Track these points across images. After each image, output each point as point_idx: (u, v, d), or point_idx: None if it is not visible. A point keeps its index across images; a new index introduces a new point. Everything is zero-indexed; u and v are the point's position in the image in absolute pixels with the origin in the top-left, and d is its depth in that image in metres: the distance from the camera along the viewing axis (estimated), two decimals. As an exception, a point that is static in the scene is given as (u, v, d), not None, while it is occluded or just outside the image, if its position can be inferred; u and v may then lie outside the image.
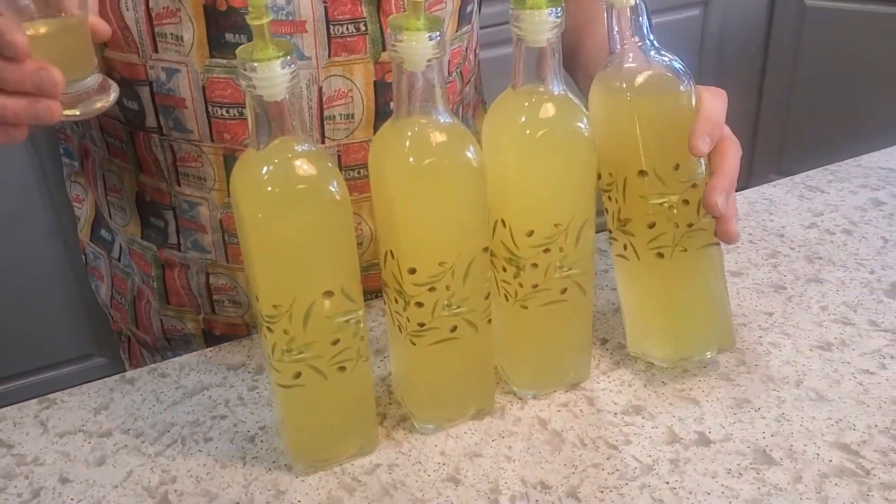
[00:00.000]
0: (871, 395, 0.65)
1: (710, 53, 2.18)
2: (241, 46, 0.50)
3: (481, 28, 0.83)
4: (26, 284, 1.73)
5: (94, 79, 0.57)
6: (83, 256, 0.89)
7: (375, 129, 0.70)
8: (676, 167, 0.62)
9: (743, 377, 0.68)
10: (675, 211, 0.63)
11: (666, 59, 0.62)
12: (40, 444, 0.65)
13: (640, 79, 0.61)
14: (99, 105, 0.57)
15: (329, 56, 0.67)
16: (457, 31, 0.73)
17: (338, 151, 0.70)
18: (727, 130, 0.65)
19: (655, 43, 0.61)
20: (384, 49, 0.68)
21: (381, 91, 0.69)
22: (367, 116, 0.70)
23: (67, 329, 1.81)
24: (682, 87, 0.62)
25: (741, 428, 0.63)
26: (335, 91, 0.68)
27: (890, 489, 0.58)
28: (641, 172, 0.62)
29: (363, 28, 0.67)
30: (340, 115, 0.69)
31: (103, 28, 0.58)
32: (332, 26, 0.66)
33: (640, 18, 0.60)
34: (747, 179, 2.37)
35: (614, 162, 0.63)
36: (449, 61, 0.73)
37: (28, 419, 0.68)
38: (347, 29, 0.66)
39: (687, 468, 0.60)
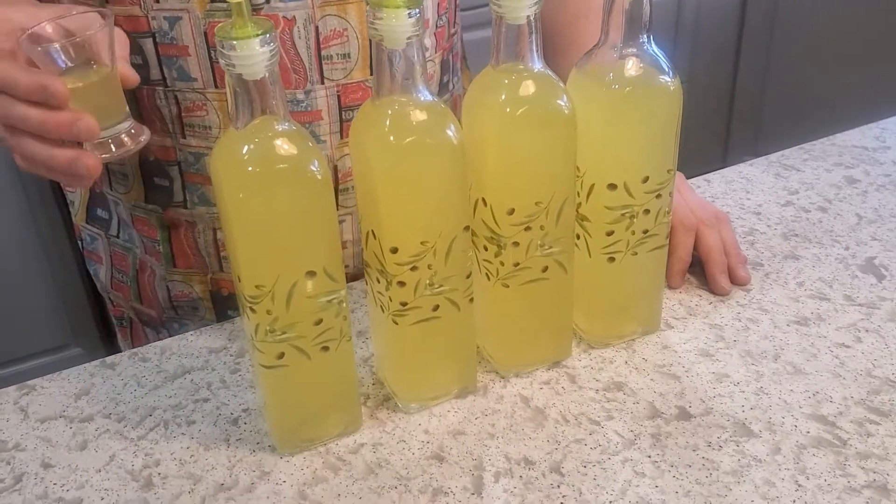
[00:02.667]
0: (847, 368, 0.66)
1: (686, 35, 2.19)
2: (220, 25, 0.50)
3: (463, 10, 0.83)
4: (1, 274, 1.71)
5: (127, 124, 0.60)
6: (79, 242, 0.88)
7: (372, 69, 0.71)
8: (646, 179, 0.63)
9: (722, 352, 0.68)
10: (635, 220, 0.64)
11: (655, 58, 0.60)
12: (21, 430, 0.65)
13: (621, 89, 0.60)
14: (132, 147, 0.60)
15: None
16: None
17: (337, 92, 0.71)
18: (705, 214, 0.76)
19: (651, 39, 0.60)
20: None
21: None
22: (363, 56, 0.71)
23: (44, 319, 1.79)
24: (665, 93, 0.61)
25: (721, 402, 0.64)
26: (331, 31, 0.69)
27: (866, 458, 0.59)
28: (611, 185, 0.63)
29: None
30: (337, 54, 0.70)
31: (132, 76, 0.61)
32: None
33: (642, 10, 0.58)
34: (722, 162, 2.39)
35: (584, 160, 0.62)
36: (439, 4, 0.75)
37: (8, 405, 0.67)
38: None
39: (668, 442, 0.61)
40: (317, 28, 0.68)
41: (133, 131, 0.60)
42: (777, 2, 2.16)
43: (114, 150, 0.59)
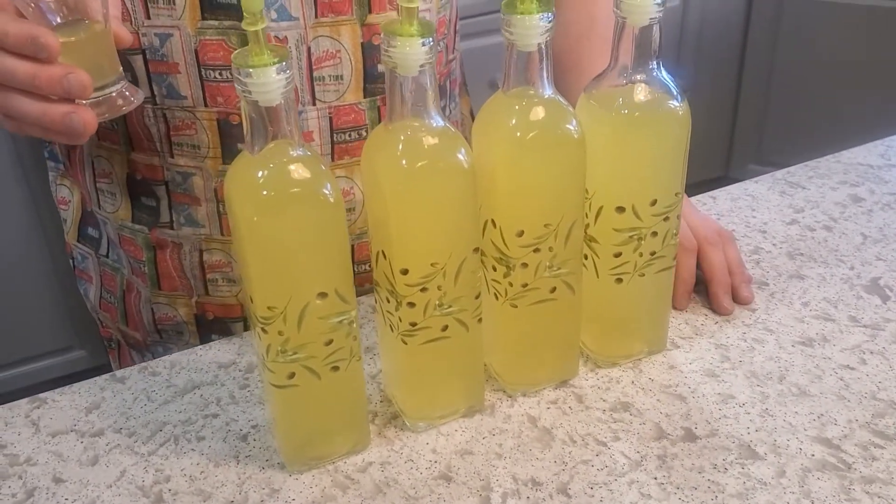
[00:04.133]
0: (852, 391, 0.67)
1: (690, 44, 2.20)
2: (237, 52, 0.50)
3: (461, 19, 0.84)
4: (5, 277, 1.71)
5: (120, 84, 0.59)
6: (70, 261, 0.88)
7: (365, 91, 0.72)
8: (653, 202, 0.63)
9: (727, 373, 0.69)
10: (643, 242, 0.65)
11: (664, 83, 0.61)
12: (32, 444, 0.65)
13: (630, 113, 0.61)
14: (125, 108, 0.59)
15: (316, 16, 0.68)
16: (441, 1, 0.75)
17: (329, 114, 0.71)
18: (709, 232, 0.76)
19: (660, 65, 0.60)
20: (370, 11, 0.69)
21: (369, 53, 0.70)
22: (356, 78, 0.71)
23: (49, 321, 1.80)
24: (674, 118, 0.61)
25: (726, 423, 0.64)
26: (323, 52, 0.69)
27: (871, 482, 0.59)
28: (619, 208, 0.63)
29: None
30: (329, 76, 0.70)
31: (125, 35, 0.60)
32: None
33: (651, 36, 0.59)
34: (726, 169, 2.39)
35: (593, 183, 0.62)
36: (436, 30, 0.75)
37: (19, 419, 0.68)
38: None
39: (674, 463, 0.61)
40: (309, 49, 0.68)
41: (127, 92, 0.59)
42: (781, 16, 2.17)
43: (106, 111, 0.58)
